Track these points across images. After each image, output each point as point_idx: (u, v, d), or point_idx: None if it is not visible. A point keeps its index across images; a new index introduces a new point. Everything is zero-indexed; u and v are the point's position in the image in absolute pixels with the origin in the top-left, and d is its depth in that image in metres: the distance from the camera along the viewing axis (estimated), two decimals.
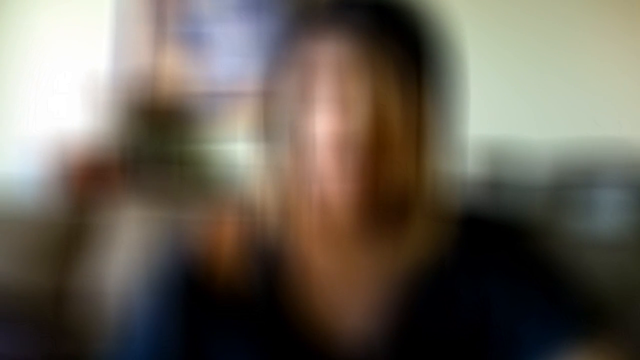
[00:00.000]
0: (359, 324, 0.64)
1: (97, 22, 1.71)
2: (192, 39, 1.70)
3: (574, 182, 1.09)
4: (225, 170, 1.39)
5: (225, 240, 0.67)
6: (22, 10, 1.76)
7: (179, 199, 1.03)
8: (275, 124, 0.63)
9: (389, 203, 0.60)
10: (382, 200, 0.59)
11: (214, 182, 1.35)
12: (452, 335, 0.64)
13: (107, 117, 1.52)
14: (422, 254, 0.66)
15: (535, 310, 0.63)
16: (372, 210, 0.59)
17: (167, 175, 1.36)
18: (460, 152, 0.69)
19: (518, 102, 1.53)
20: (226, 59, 1.67)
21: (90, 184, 1.24)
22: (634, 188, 1.06)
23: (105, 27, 1.71)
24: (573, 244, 0.96)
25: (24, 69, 1.76)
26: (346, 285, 0.65)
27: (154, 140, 1.45)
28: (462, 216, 0.68)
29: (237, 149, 1.49)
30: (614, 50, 1.51)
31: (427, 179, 0.63)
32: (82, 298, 0.99)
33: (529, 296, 0.63)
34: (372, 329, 0.64)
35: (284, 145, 0.61)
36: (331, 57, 0.59)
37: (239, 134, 1.50)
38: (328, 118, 0.58)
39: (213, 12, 1.70)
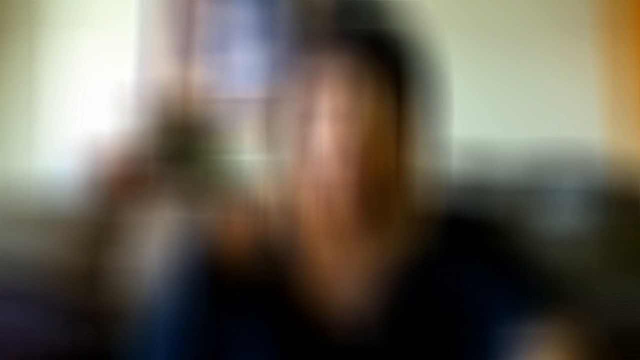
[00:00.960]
0: (356, 304, 0.68)
1: (126, 37, 1.79)
2: (214, 52, 1.72)
3: (539, 185, 1.13)
4: (241, 176, 1.41)
5: (239, 237, 0.71)
6: (61, 26, 1.84)
7: (200, 201, 1.05)
8: (284, 134, 0.67)
9: (380, 202, 0.65)
10: (376, 199, 0.64)
11: (231, 185, 1.37)
12: (433, 311, 0.68)
13: (134, 122, 1.56)
14: (409, 245, 0.69)
15: (504, 290, 0.67)
16: (368, 208, 0.64)
17: (190, 179, 1.37)
18: (443, 154, 0.74)
19: (489, 108, 1.64)
20: (245, 72, 1.71)
21: (123, 185, 1.25)
22: (589, 192, 1.11)
23: (133, 41, 1.79)
24: (537, 239, 1.00)
25: (63, 77, 1.83)
26: (346, 273, 0.69)
27: (178, 146, 1.46)
28: (443, 214, 0.72)
29: (251, 157, 1.50)
30: (565, 65, 1.65)
31: (409, 179, 0.67)
32: (113, 288, 1.01)
33: (499, 279, 0.68)
34: (367, 309, 0.68)
35: (292, 153, 0.65)
36: (333, 76, 0.64)
37: (252, 143, 1.53)
38: (331, 128, 0.63)
39: (234, 29, 1.73)
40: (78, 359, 0.91)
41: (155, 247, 0.98)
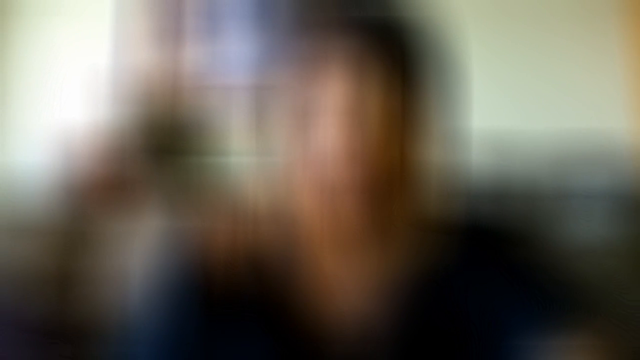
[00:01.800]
0: (362, 321, 0.67)
1: (102, 21, 1.79)
2: (204, 36, 1.71)
3: (564, 187, 1.13)
4: (233, 177, 1.41)
5: (231, 246, 0.70)
6: (34, 14, 1.85)
7: (187, 206, 1.04)
8: (280, 130, 0.66)
9: (391, 206, 0.64)
10: (386, 203, 0.63)
11: (221, 188, 1.36)
12: (447, 327, 0.67)
13: (113, 114, 1.54)
14: (421, 255, 0.69)
15: (524, 303, 0.67)
16: (378, 213, 0.63)
17: (177, 180, 1.36)
18: (460, 150, 0.73)
19: (508, 97, 1.66)
20: (238, 60, 1.69)
21: (99, 186, 1.24)
22: (618, 195, 1.10)
23: (110, 25, 1.79)
24: (562, 249, 1.00)
25: (36, 66, 1.83)
26: (351, 286, 0.68)
27: (163, 142, 1.45)
28: (459, 221, 0.72)
29: (244, 156, 1.50)
30: (589, 51, 1.68)
31: (422, 179, 0.67)
32: (89, 303, 1.00)
33: (519, 291, 0.67)
34: (374, 326, 0.67)
35: (290, 152, 0.65)
36: (337, 66, 0.63)
37: (245, 140, 1.52)
38: (335, 124, 0.62)
39: (226, 11, 1.72)
40: None
41: (136, 258, 0.97)
